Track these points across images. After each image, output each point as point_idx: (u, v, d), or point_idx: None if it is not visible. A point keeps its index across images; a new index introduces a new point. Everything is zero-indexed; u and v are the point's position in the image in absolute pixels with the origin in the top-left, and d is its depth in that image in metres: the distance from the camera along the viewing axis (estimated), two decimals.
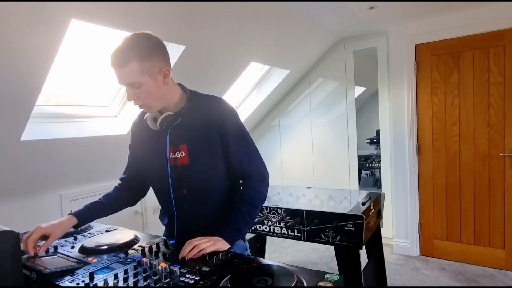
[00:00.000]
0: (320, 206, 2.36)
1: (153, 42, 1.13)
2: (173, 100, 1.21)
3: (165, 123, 1.20)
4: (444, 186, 3.07)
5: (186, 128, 1.20)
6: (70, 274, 1.00)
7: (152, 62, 1.10)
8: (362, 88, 4.36)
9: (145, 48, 1.09)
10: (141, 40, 1.11)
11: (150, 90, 1.13)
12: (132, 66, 1.08)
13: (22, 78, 1.70)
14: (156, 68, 1.12)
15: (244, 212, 1.20)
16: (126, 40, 1.10)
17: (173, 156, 1.22)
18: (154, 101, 1.16)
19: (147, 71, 1.10)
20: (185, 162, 1.21)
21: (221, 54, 2.61)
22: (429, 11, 2.77)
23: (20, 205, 2.20)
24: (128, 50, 1.08)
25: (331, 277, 0.86)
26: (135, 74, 1.09)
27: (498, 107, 2.79)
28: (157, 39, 1.15)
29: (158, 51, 1.13)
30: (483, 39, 2.79)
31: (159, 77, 1.13)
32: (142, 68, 1.09)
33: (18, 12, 1.46)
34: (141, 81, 1.10)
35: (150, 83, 1.12)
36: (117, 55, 1.09)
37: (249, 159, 1.24)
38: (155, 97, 1.15)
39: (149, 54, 1.10)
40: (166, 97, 1.18)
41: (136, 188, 1.39)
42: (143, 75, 1.10)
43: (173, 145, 1.22)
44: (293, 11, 2.49)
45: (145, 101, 1.15)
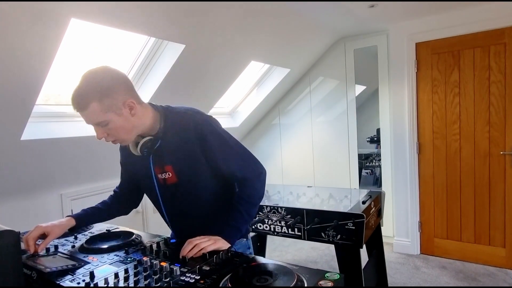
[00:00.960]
0: (321, 205, 2.36)
1: (110, 77, 1.08)
2: (146, 125, 1.17)
3: (145, 149, 1.19)
4: (445, 185, 3.07)
5: (168, 148, 1.19)
6: (70, 274, 1.00)
7: (113, 98, 1.06)
8: (363, 87, 4.35)
9: (103, 86, 1.05)
10: (98, 78, 1.07)
11: (119, 126, 1.09)
12: (93, 107, 1.04)
13: (22, 77, 1.70)
14: (119, 103, 1.08)
15: (242, 210, 1.20)
16: (83, 79, 1.06)
17: (161, 177, 1.23)
18: (125, 135, 1.13)
19: (110, 108, 1.06)
20: (174, 181, 1.21)
21: (221, 53, 2.60)
22: (430, 9, 2.77)
23: (20, 205, 2.21)
24: (86, 91, 1.04)
25: (331, 276, 0.86)
26: (99, 114, 1.06)
27: (499, 105, 2.78)
28: (115, 72, 1.10)
29: (117, 85, 1.08)
30: (484, 37, 2.79)
31: (125, 110, 1.09)
32: (104, 107, 1.05)
33: (18, 12, 1.46)
34: (106, 119, 1.07)
35: (117, 119, 1.08)
36: (76, 98, 1.05)
37: (240, 165, 1.23)
38: (125, 130, 1.12)
39: (108, 91, 1.05)
40: (137, 127, 1.15)
41: (128, 201, 1.43)
42: (107, 113, 1.06)
43: (158, 166, 1.22)
44: (293, 10, 2.48)
45: (115, 136, 1.12)
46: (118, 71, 1.12)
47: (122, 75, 1.13)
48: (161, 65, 2.42)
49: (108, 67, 1.11)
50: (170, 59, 2.37)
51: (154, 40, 2.32)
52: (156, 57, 2.42)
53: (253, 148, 4.17)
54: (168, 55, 2.38)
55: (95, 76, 1.07)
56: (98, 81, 1.06)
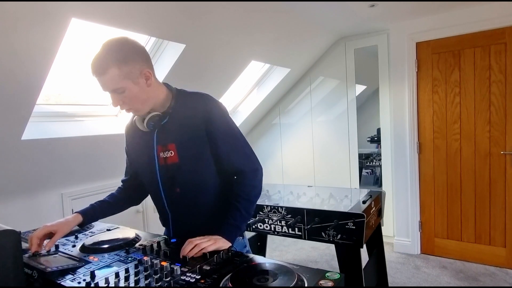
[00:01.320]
0: (321, 205, 2.36)
1: (130, 46, 1.12)
2: (159, 100, 1.21)
3: (151, 123, 1.20)
4: (445, 184, 3.07)
5: (174, 127, 1.20)
6: (71, 273, 1.00)
7: (132, 66, 1.10)
8: (363, 87, 4.35)
9: (123, 53, 1.09)
10: (118, 45, 1.11)
11: (134, 94, 1.13)
12: (112, 72, 1.08)
13: (22, 77, 1.70)
14: (137, 71, 1.11)
15: (241, 208, 1.19)
16: (103, 47, 1.10)
17: (163, 155, 1.22)
18: (140, 104, 1.16)
19: (127, 75, 1.10)
20: (175, 161, 1.21)
21: (222, 53, 2.60)
22: (430, 9, 2.76)
23: (21, 204, 2.21)
24: (106, 57, 1.08)
25: (331, 276, 0.87)
26: (116, 80, 1.09)
27: (499, 105, 2.78)
28: (134, 43, 1.14)
29: (136, 54, 1.12)
30: (484, 37, 2.78)
31: (141, 80, 1.13)
32: (122, 73, 1.09)
33: (19, 12, 1.46)
34: (123, 86, 1.10)
35: (133, 87, 1.12)
36: (96, 63, 1.09)
37: (239, 154, 1.23)
38: (140, 100, 1.15)
39: (128, 59, 1.09)
40: (151, 98, 1.18)
41: (138, 189, 1.40)
42: (124, 80, 1.10)
43: (162, 144, 1.22)
44: (293, 10, 2.48)
45: (131, 105, 1.15)
46: (138, 42, 1.16)
47: (141, 46, 1.16)
48: (162, 65, 2.42)
49: (128, 37, 1.14)
50: (170, 59, 2.38)
51: (155, 40, 2.33)
52: (156, 56, 2.42)
53: (254, 147, 4.13)
54: (168, 54, 2.39)
55: (116, 44, 1.11)
56: (119, 48, 1.10)
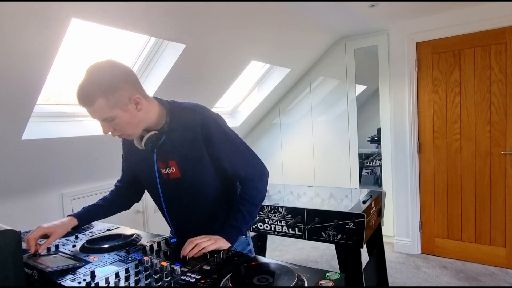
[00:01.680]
0: (321, 205, 2.36)
1: (116, 73, 1.07)
2: (152, 120, 1.17)
3: (149, 143, 1.18)
4: (445, 184, 3.07)
5: (172, 144, 1.19)
6: (71, 273, 1.00)
7: (119, 94, 1.05)
8: (363, 87, 4.35)
9: (109, 82, 1.04)
10: (104, 73, 1.05)
11: (125, 121, 1.09)
12: (100, 103, 1.03)
13: (22, 77, 1.70)
14: (125, 99, 1.07)
15: (244, 211, 1.20)
16: (88, 75, 1.05)
17: (165, 172, 1.23)
18: (132, 130, 1.13)
19: (116, 104, 1.05)
20: (177, 176, 1.21)
21: (222, 53, 2.60)
22: (430, 9, 2.76)
23: (21, 204, 2.21)
24: (92, 88, 1.03)
25: (332, 276, 0.87)
26: (105, 110, 1.05)
27: (500, 105, 2.78)
28: (121, 68, 1.09)
29: (123, 81, 1.07)
30: (484, 37, 2.78)
31: (131, 106, 1.09)
32: (110, 103, 1.04)
33: (19, 12, 1.46)
34: (113, 115, 1.07)
35: (123, 114, 1.08)
36: (82, 94, 1.04)
37: (242, 163, 1.22)
38: (131, 125, 1.12)
39: (115, 88, 1.04)
40: (143, 121, 1.15)
41: (129, 195, 1.42)
42: (113, 109, 1.06)
43: (162, 161, 1.22)
44: (293, 10, 2.48)
45: (122, 131, 1.12)
46: (123, 66, 1.11)
47: (128, 70, 1.12)
48: (162, 65, 2.42)
49: (113, 61, 1.10)
50: (170, 59, 2.38)
51: (155, 40, 2.33)
52: (156, 57, 2.42)
53: (254, 147, 4.16)
54: (168, 55, 2.38)
55: (100, 72, 1.06)
56: (104, 77, 1.05)
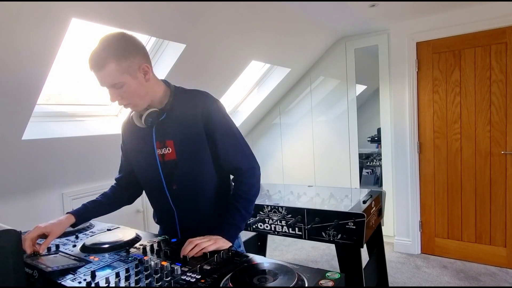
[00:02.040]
0: (321, 205, 2.36)
1: (128, 41, 1.12)
2: (157, 96, 1.21)
3: (149, 119, 1.19)
4: (445, 184, 3.07)
5: (172, 123, 1.20)
6: (72, 273, 1.00)
7: (130, 61, 1.10)
8: (363, 86, 4.35)
9: (121, 48, 1.08)
10: (116, 40, 1.10)
11: (133, 89, 1.12)
12: (110, 67, 1.07)
13: (23, 77, 1.70)
14: (135, 66, 1.11)
15: (240, 207, 1.20)
16: (101, 42, 1.09)
17: (160, 152, 1.22)
18: (139, 99, 1.16)
19: (126, 70, 1.09)
20: (172, 157, 1.21)
21: (222, 53, 2.60)
22: (431, 9, 2.76)
23: (22, 204, 2.21)
24: (104, 52, 1.07)
25: (332, 276, 0.87)
26: (115, 75, 1.08)
27: (500, 105, 2.78)
28: (132, 38, 1.14)
29: (134, 49, 1.12)
30: (485, 37, 2.78)
31: (140, 74, 1.13)
32: (121, 68, 1.08)
33: (19, 12, 1.46)
34: (122, 81, 1.10)
35: (131, 81, 1.11)
36: (94, 58, 1.08)
37: (236, 152, 1.23)
38: (138, 95, 1.15)
39: (126, 53, 1.09)
40: (149, 94, 1.18)
41: (131, 188, 1.39)
42: (123, 74, 1.09)
43: (160, 141, 1.22)
44: (294, 9, 2.48)
45: (129, 100, 1.15)
46: (136, 38, 1.15)
47: (140, 42, 1.16)
48: (162, 65, 2.42)
49: (126, 32, 1.14)
50: (170, 59, 2.38)
51: (155, 40, 2.33)
52: (157, 56, 2.42)
53: (254, 147, 4.17)
54: (168, 54, 2.39)
55: (114, 39, 1.10)
56: (117, 42, 1.09)
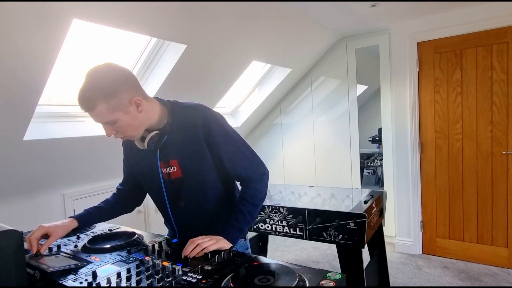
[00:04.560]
0: (322, 205, 2.36)
1: (115, 76, 1.08)
2: (154, 120, 1.18)
3: (152, 143, 1.19)
4: (447, 184, 3.07)
5: (174, 143, 1.20)
6: (73, 273, 1.01)
7: (120, 97, 1.06)
8: (364, 86, 4.34)
9: (109, 86, 1.05)
10: (103, 77, 1.06)
11: (126, 123, 1.10)
12: (101, 107, 1.05)
13: (24, 78, 1.71)
14: (126, 102, 1.08)
15: (245, 211, 1.21)
16: (88, 79, 1.06)
17: (166, 171, 1.23)
18: (134, 131, 1.14)
19: (117, 107, 1.07)
20: (178, 176, 1.22)
21: (223, 53, 2.60)
22: (432, 8, 2.76)
23: (23, 205, 2.22)
24: (92, 93, 1.04)
25: (333, 276, 0.87)
26: (106, 114, 1.06)
27: (501, 104, 2.77)
28: (119, 70, 1.10)
29: (123, 84, 1.08)
30: (486, 37, 2.78)
31: (132, 108, 1.10)
32: (111, 107, 1.06)
33: (20, 12, 1.46)
34: (114, 118, 1.08)
35: (124, 117, 1.09)
36: (83, 100, 1.05)
37: (243, 162, 1.23)
38: (133, 127, 1.13)
39: (115, 91, 1.05)
40: (145, 122, 1.16)
41: (132, 198, 1.42)
42: (114, 112, 1.07)
43: (164, 161, 1.22)
44: (295, 9, 2.48)
45: (124, 133, 1.13)
46: (123, 68, 1.12)
47: (127, 72, 1.12)
48: (163, 65, 2.42)
49: (112, 64, 1.11)
50: (171, 59, 2.38)
51: (156, 40, 2.33)
52: (157, 57, 2.42)
53: (255, 148, 4.16)
54: (169, 55, 2.39)
55: (100, 76, 1.07)
56: (103, 81, 1.06)
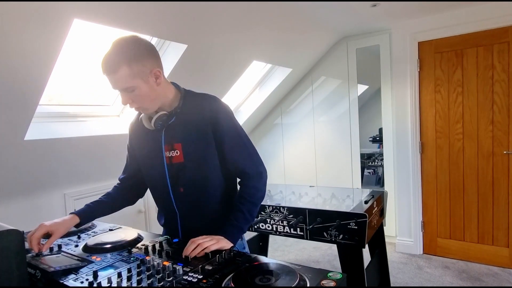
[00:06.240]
0: (323, 205, 2.36)
1: (140, 45, 1.13)
2: (167, 99, 1.23)
3: (159, 122, 1.21)
4: (448, 184, 3.06)
5: (181, 127, 1.22)
6: (74, 273, 1.01)
7: (142, 65, 1.11)
8: (365, 86, 4.35)
9: (133, 52, 1.10)
10: (129, 44, 1.11)
11: (144, 93, 1.14)
12: (123, 71, 1.08)
13: (25, 77, 1.71)
14: (147, 70, 1.12)
15: (244, 210, 1.21)
16: (114, 45, 1.11)
17: (168, 155, 1.24)
18: (149, 103, 1.18)
19: (138, 74, 1.10)
20: (180, 160, 1.22)
21: (223, 53, 2.60)
22: (432, 8, 2.76)
23: (24, 204, 2.22)
24: (117, 56, 1.09)
25: (333, 276, 0.87)
26: (127, 79, 1.10)
27: (502, 104, 2.77)
28: (144, 41, 1.15)
29: (147, 53, 1.13)
30: (487, 36, 2.77)
31: (151, 78, 1.14)
32: (133, 72, 1.09)
33: (21, 12, 1.46)
34: (134, 85, 1.11)
35: (143, 85, 1.13)
36: (107, 62, 1.09)
37: (244, 156, 1.24)
38: (149, 98, 1.16)
39: (138, 57, 1.10)
40: (160, 97, 1.19)
41: (134, 188, 1.41)
42: (135, 78, 1.10)
43: (168, 143, 1.23)
44: (295, 9, 2.48)
45: (140, 103, 1.17)
46: (148, 41, 1.17)
47: (152, 45, 1.17)
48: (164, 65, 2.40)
49: (138, 36, 1.16)
50: (172, 59, 2.38)
51: (157, 40, 2.33)
52: None
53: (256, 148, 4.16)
54: (170, 55, 2.39)
55: (126, 43, 1.11)
56: (129, 46, 1.10)
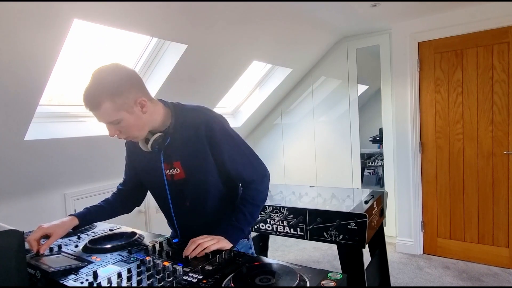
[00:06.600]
0: (323, 205, 2.36)
1: (122, 76, 1.08)
2: (157, 121, 1.19)
3: (156, 145, 1.19)
4: (448, 184, 3.06)
5: (177, 144, 1.20)
6: (74, 273, 1.01)
7: (125, 97, 1.07)
8: (365, 86, 4.35)
9: (115, 85, 1.05)
10: (109, 76, 1.07)
11: (131, 123, 1.11)
12: (106, 106, 1.05)
13: (25, 78, 1.71)
14: (131, 102, 1.08)
15: (245, 211, 1.21)
16: (94, 78, 1.06)
17: (169, 173, 1.23)
18: (138, 132, 1.14)
19: (122, 106, 1.07)
20: (181, 177, 1.22)
21: (223, 53, 2.60)
22: (432, 8, 2.76)
23: (24, 205, 2.22)
24: (98, 91, 1.04)
25: (334, 276, 0.86)
26: (111, 113, 1.06)
27: (502, 104, 2.77)
28: (125, 70, 1.11)
29: (129, 84, 1.09)
30: (487, 36, 2.77)
31: (136, 108, 1.10)
32: (116, 106, 1.06)
33: (21, 12, 1.46)
34: (119, 117, 1.08)
35: (129, 117, 1.09)
36: (88, 97, 1.05)
37: (244, 164, 1.24)
38: (137, 128, 1.13)
39: (120, 90, 1.06)
40: (148, 123, 1.16)
41: (132, 198, 1.42)
42: (119, 111, 1.07)
43: (167, 162, 1.23)
44: (295, 9, 2.48)
45: (127, 134, 1.14)
46: (128, 69, 1.13)
47: (133, 73, 1.13)
48: (164, 65, 2.43)
49: (119, 64, 1.11)
50: (172, 59, 2.38)
51: (157, 41, 2.33)
52: (158, 57, 2.43)
53: (255, 148, 4.17)
54: (170, 55, 2.39)
55: (106, 75, 1.07)
56: (110, 80, 1.06)
